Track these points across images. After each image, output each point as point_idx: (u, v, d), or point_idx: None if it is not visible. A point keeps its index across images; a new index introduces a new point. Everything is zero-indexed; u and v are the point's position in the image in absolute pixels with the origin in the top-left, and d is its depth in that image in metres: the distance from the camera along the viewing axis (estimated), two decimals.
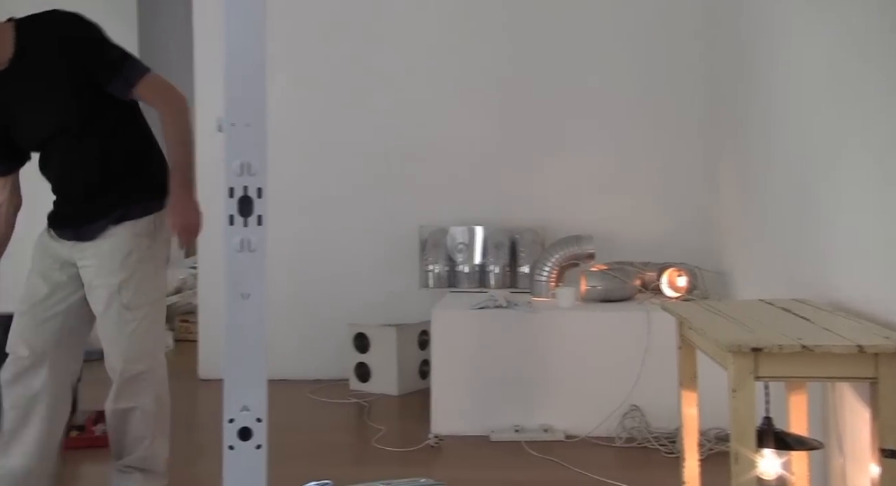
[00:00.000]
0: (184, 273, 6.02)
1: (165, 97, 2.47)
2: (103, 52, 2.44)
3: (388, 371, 4.25)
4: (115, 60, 2.44)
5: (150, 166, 2.58)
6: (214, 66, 4.33)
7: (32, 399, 2.54)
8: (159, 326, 2.65)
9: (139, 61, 2.52)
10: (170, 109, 2.47)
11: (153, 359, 2.64)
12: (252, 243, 2.04)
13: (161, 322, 2.66)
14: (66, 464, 3.22)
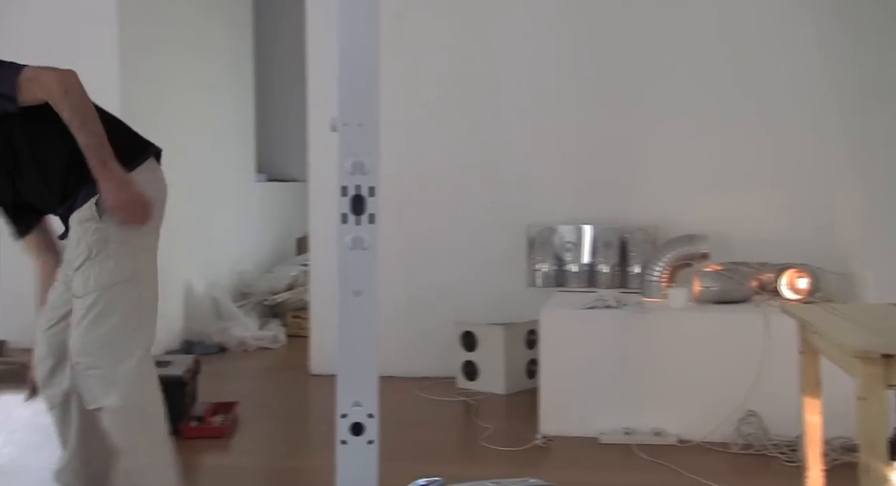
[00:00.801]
0: (295, 270, 6.18)
1: (46, 89, 2.19)
2: None
3: (496, 370, 4.24)
4: None
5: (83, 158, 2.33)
6: (327, 66, 4.40)
7: (65, 397, 2.45)
8: (118, 314, 2.32)
9: (5, 66, 2.24)
10: (54, 97, 2.19)
11: (105, 353, 2.31)
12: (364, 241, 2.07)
13: (125, 311, 2.33)
14: (184, 454, 3.35)
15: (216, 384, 4.24)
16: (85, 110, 2.23)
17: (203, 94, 5.76)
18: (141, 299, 2.39)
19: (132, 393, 2.32)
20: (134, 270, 2.37)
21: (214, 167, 5.93)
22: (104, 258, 2.32)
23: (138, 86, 4.88)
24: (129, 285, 2.35)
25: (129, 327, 2.35)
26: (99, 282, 2.31)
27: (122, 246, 2.35)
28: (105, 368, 2.31)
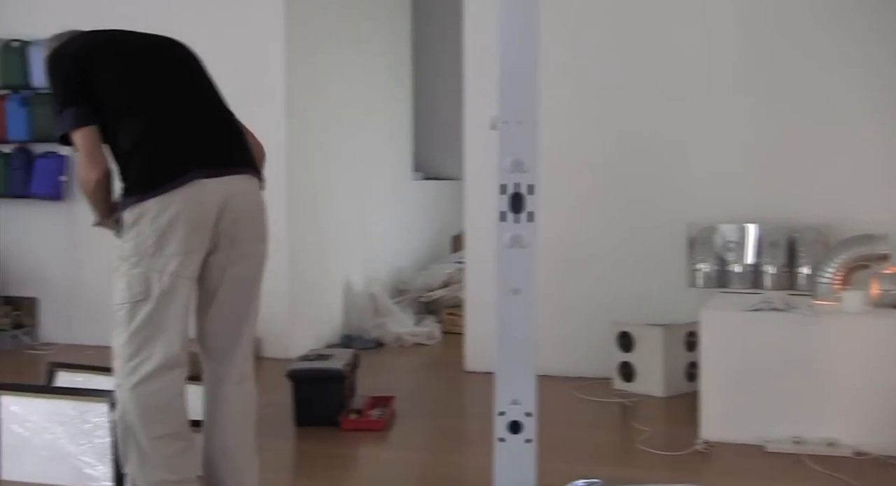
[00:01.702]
0: (451, 267, 6.25)
1: (80, 161, 2.43)
2: None
3: (654, 372, 4.14)
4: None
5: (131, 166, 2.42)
6: (484, 65, 4.43)
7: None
8: (127, 334, 2.39)
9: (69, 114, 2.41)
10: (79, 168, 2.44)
11: (116, 365, 2.44)
12: (523, 239, 2.07)
13: (132, 331, 2.38)
14: (344, 445, 3.46)
15: (373, 379, 4.35)
16: (93, 203, 2.47)
17: (362, 93, 5.92)
18: (149, 321, 2.38)
19: (125, 411, 2.41)
20: (145, 292, 2.37)
21: (373, 166, 6.09)
22: (119, 277, 2.41)
23: (302, 85, 5.06)
24: (139, 307, 2.38)
25: (133, 348, 2.39)
26: (117, 298, 2.42)
27: (134, 267, 2.38)
28: (118, 379, 2.44)
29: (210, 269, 2.48)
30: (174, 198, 2.34)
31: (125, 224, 2.37)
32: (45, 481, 2.93)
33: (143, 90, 2.46)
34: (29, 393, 3.04)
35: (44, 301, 5.36)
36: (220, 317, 2.54)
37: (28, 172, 5.21)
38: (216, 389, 2.57)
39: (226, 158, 2.49)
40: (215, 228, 2.43)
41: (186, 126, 2.46)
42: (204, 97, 2.57)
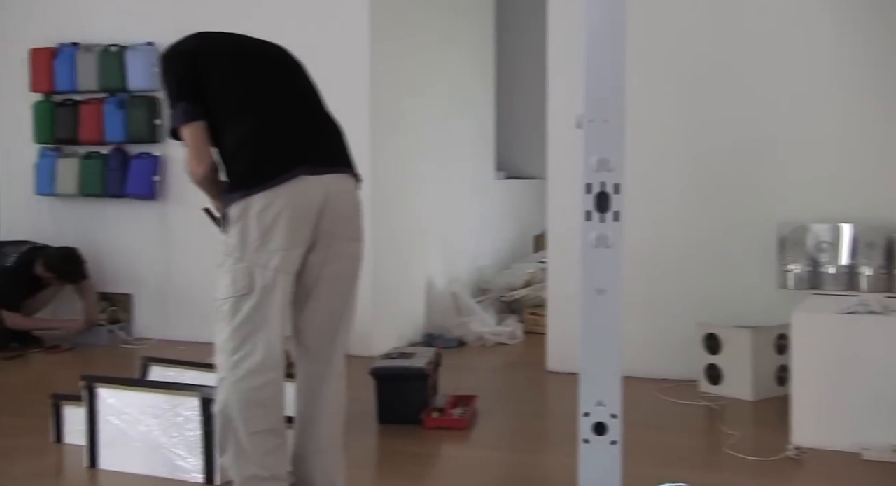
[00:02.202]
0: (533, 267, 6.22)
1: (187, 152, 2.52)
2: None
3: (742, 375, 4.03)
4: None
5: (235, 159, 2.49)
6: (569, 63, 4.40)
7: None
8: (230, 328, 2.42)
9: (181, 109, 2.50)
10: (187, 155, 2.53)
11: (219, 360, 2.48)
12: (609, 238, 2.05)
13: (235, 326, 2.42)
14: (426, 443, 3.48)
15: (455, 377, 4.36)
16: (203, 192, 2.56)
17: (446, 92, 5.95)
18: (252, 316, 2.42)
19: (226, 404, 2.44)
20: (249, 286, 2.41)
21: (456, 165, 6.10)
22: (224, 272, 2.45)
23: (386, 84, 5.11)
24: (243, 301, 2.41)
25: (236, 342, 2.42)
26: (221, 293, 2.45)
27: (238, 262, 2.42)
28: (220, 373, 2.48)
29: (308, 266, 2.52)
30: (279, 193, 2.39)
31: (230, 219, 2.43)
32: (139, 471, 3.04)
33: (250, 90, 2.54)
34: (125, 386, 3.16)
35: (138, 298, 5.55)
36: (315, 315, 2.58)
37: (124, 173, 5.41)
38: (311, 387, 2.61)
39: (327, 157, 2.55)
40: (315, 226, 2.48)
41: (291, 125, 2.53)
42: (307, 99, 2.64)
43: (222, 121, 2.48)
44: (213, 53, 2.57)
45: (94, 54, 5.39)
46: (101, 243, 5.57)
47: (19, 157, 5.61)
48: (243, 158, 2.45)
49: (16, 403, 4.06)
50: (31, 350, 5.09)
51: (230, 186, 2.46)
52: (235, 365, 2.43)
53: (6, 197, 5.74)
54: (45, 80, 5.47)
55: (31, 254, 5.26)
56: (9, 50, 5.60)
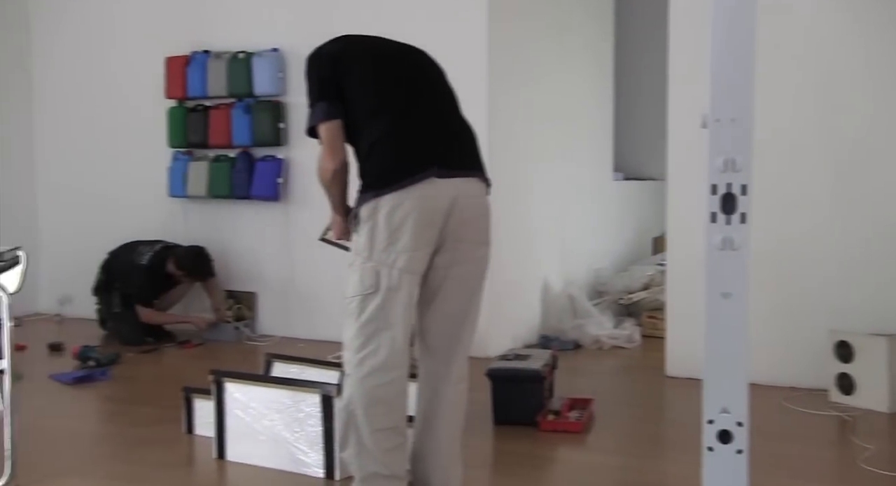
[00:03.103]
0: (651, 269, 6.10)
1: (322, 152, 2.57)
2: None
3: (877, 385, 3.83)
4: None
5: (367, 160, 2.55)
6: (692, 60, 4.29)
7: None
8: (356, 325, 2.47)
9: (319, 109, 2.57)
10: (319, 160, 2.58)
11: (346, 356, 2.53)
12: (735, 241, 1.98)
13: (361, 324, 2.46)
14: (542, 446, 3.46)
15: (571, 380, 4.32)
16: (329, 194, 2.60)
17: (564, 92, 5.90)
18: (377, 315, 2.46)
19: (351, 400, 2.49)
20: (375, 285, 2.45)
21: (573, 166, 6.05)
22: (353, 271, 2.50)
23: (503, 83, 5.11)
24: (369, 300, 2.46)
25: (362, 340, 2.47)
26: (349, 291, 2.51)
27: (366, 261, 2.47)
28: (346, 368, 2.53)
29: (434, 268, 2.55)
30: (408, 194, 2.43)
31: (360, 219, 2.49)
32: (264, 464, 3.14)
33: (388, 92, 2.59)
34: (250, 381, 3.27)
35: (262, 296, 5.74)
36: (440, 316, 2.60)
37: (249, 175, 5.61)
38: (433, 387, 2.64)
39: (458, 160, 2.58)
40: (443, 228, 2.51)
41: (425, 128, 2.57)
42: (443, 102, 2.68)
43: (360, 122, 2.54)
44: (354, 55, 2.63)
45: (224, 61, 5.61)
46: (228, 243, 5.80)
47: (155, 160, 5.90)
48: (376, 159, 2.50)
49: (151, 394, 4.27)
50: (165, 345, 5.34)
51: (362, 186, 2.51)
52: (360, 363, 2.47)
53: (142, 198, 6.06)
54: (179, 86, 5.74)
55: (164, 253, 5.53)
56: (147, 59, 5.89)
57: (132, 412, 3.96)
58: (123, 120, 6.12)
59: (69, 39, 6.31)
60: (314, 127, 2.56)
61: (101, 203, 6.22)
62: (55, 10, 6.35)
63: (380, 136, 2.51)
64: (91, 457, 3.37)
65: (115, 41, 6.12)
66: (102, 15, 6.18)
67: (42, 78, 6.43)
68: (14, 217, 6.22)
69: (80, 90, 6.28)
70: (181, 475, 3.15)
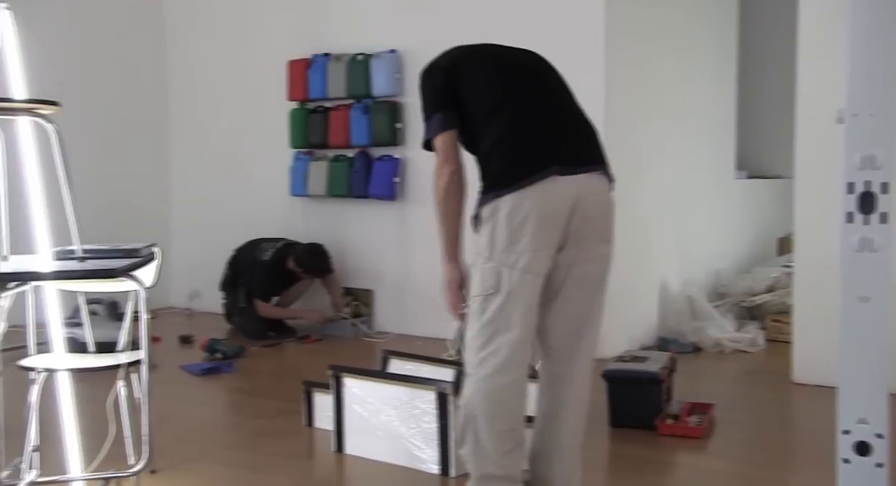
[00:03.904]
0: (776, 271, 5.87)
1: (437, 168, 2.55)
2: None
3: None
4: None
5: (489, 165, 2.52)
6: (823, 52, 4.10)
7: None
8: (478, 325, 2.46)
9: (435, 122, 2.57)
10: (435, 179, 2.56)
11: (467, 355, 2.52)
12: (874, 242, 1.87)
13: (482, 324, 2.45)
14: (660, 450, 3.38)
15: (691, 384, 4.21)
16: (445, 213, 2.55)
17: (683, 88, 5.74)
18: (498, 315, 2.44)
19: (470, 400, 2.48)
20: (496, 286, 2.43)
21: (693, 164, 5.88)
22: (475, 271, 2.50)
23: (621, 78, 5.01)
24: (490, 300, 2.44)
25: (482, 340, 2.45)
26: (473, 290, 2.51)
27: (487, 262, 2.45)
28: (467, 367, 2.51)
29: (556, 267, 2.51)
30: (529, 194, 2.41)
31: (481, 219, 2.48)
32: (381, 458, 3.19)
33: (505, 94, 2.57)
34: (367, 377, 3.33)
35: (378, 293, 5.84)
36: (561, 316, 2.57)
37: (367, 175, 5.71)
38: (554, 388, 2.62)
39: (580, 156, 2.54)
40: (566, 227, 2.47)
41: (545, 125, 2.54)
42: (561, 100, 2.65)
43: (479, 126, 2.53)
44: (467, 62, 2.63)
45: (343, 63, 5.73)
46: (346, 241, 5.92)
47: (277, 161, 6.10)
48: (496, 159, 2.49)
49: (272, 387, 4.41)
50: (286, 339, 5.51)
51: (483, 187, 2.50)
52: (481, 363, 2.46)
53: (265, 197, 6.26)
54: (300, 88, 5.90)
55: (285, 250, 5.70)
56: (270, 62, 6.09)
57: (255, 404, 4.10)
58: (248, 122, 6.35)
59: (200, 44, 6.59)
60: (430, 140, 2.56)
61: (227, 202, 6.47)
62: (187, 16, 6.65)
63: (500, 136, 2.49)
64: (217, 445, 3.51)
65: (241, 45, 6.35)
66: (230, 21, 6.43)
67: (175, 81, 6.75)
68: (149, 215, 6.55)
69: (210, 93, 6.55)
70: (302, 467, 3.24)
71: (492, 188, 2.46)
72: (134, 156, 6.57)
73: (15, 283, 2.33)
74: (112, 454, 2.81)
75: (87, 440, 2.84)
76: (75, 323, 3.25)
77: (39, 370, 2.70)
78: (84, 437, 2.84)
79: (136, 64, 6.59)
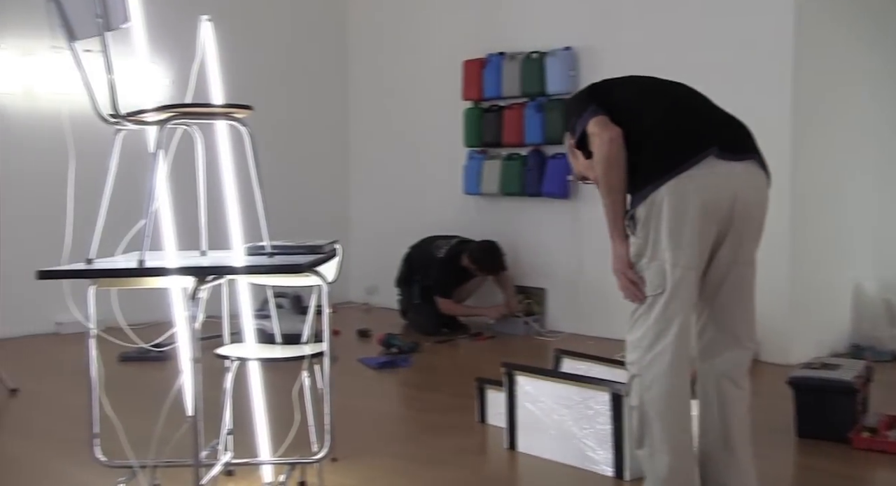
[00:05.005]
0: None
1: (595, 151, 2.49)
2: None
3: None
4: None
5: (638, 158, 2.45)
6: None
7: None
8: (644, 326, 2.43)
9: (588, 112, 2.50)
10: (595, 160, 2.49)
11: (633, 357, 2.48)
12: None
13: (649, 324, 2.42)
14: (855, 465, 3.16)
15: (890, 395, 3.91)
16: (609, 185, 2.46)
17: (876, 79, 5.34)
18: (663, 314, 2.41)
19: (642, 401, 2.45)
20: (662, 285, 2.41)
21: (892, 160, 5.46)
22: (639, 272, 2.46)
23: (810, 72, 4.74)
24: (657, 300, 2.42)
25: (649, 340, 2.43)
26: (643, 288, 2.46)
27: (651, 261, 2.42)
28: (633, 369, 2.48)
29: (716, 264, 2.47)
30: (689, 179, 2.37)
31: (638, 220, 2.45)
32: (552, 457, 3.18)
33: (654, 96, 2.57)
34: (539, 376, 3.32)
35: (551, 292, 5.81)
36: (718, 315, 2.53)
37: (540, 173, 5.69)
38: (713, 388, 2.55)
39: (739, 144, 2.48)
40: (726, 220, 2.42)
41: (696, 112, 2.52)
42: (709, 101, 2.60)
43: (629, 130, 2.46)
44: (615, 81, 2.64)
45: (518, 62, 5.74)
46: (519, 239, 5.93)
47: (451, 159, 6.20)
48: (648, 151, 2.44)
49: (445, 383, 4.49)
50: (459, 336, 5.59)
51: (638, 185, 2.45)
52: (650, 363, 2.44)
53: (439, 196, 6.39)
54: (475, 88, 5.97)
55: (459, 247, 5.78)
56: (446, 64, 6.20)
57: (428, 399, 4.19)
58: (423, 122, 6.49)
59: (379, 50, 6.82)
60: (583, 133, 2.51)
61: (403, 200, 6.65)
62: (368, 24, 6.90)
63: (651, 127, 2.46)
64: (392, 438, 3.61)
65: (418, 48, 6.51)
66: (407, 26, 6.60)
67: (355, 86, 7.02)
68: (329, 213, 6.85)
69: (387, 95, 6.77)
70: (476, 463, 3.27)
71: (647, 182, 2.41)
72: (316, 157, 6.89)
73: (212, 276, 2.49)
74: (297, 440, 2.94)
75: (274, 425, 2.99)
76: (263, 315, 3.43)
77: (233, 359, 2.88)
78: (272, 423, 2.99)
79: (320, 70, 6.91)
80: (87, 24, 2.42)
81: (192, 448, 2.40)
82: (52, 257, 2.68)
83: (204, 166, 2.82)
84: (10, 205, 5.45)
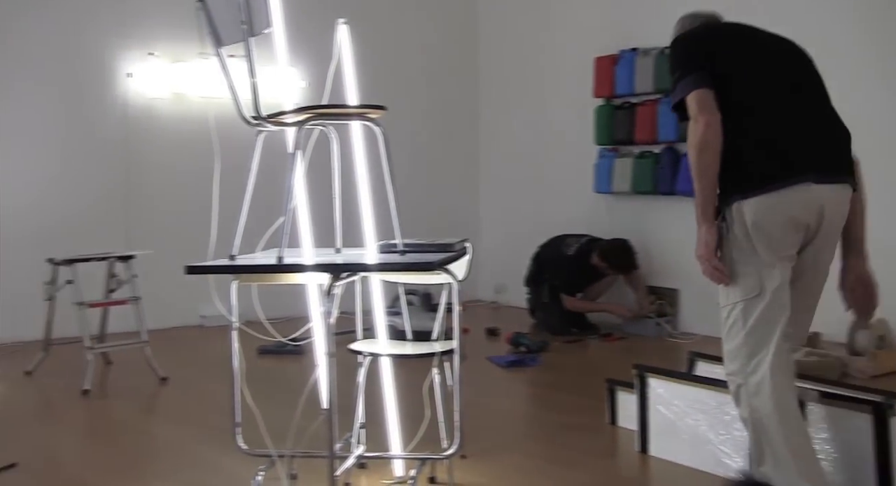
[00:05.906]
0: None
1: (692, 125, 2.41)
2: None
3: None
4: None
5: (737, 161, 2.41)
6: None
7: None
8: (744, 331, 2.42)
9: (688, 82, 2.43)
10: (689, 138, 2.41)
11: (735, 366, 2.45)
12: None
13: (749, 328, 2.40)
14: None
15: None
16: (701, 169, 2.40)
17: None
18: (764, 317, 2.40)
19: (753, 409, 2.41)
20: (759, 287, 2.40)
21: None
22: (731, 275, 2.44)
23: None
24: (754, 303, 2.41)
25: (752, 344, 2.41)
26: (728, 298, 2.47)
27: (745, 265, 2.41)
28: (737, 379, 2.46)
29: (794, 268, 2.48)
30: (780, 198, 2.37)
31: (729, 222, 2.44)
32: (686, 462, 3.09)
33: (761, 88, 2.47)
34: (673, 378, 3.23)
35: (684, 293, 5.65)
36: (795, 318, 2.51)
37: (674, 171, 5.55)
38: None
39: (835, 166, 2.47)
40: (811, 233, 2.45)
41: (802, 129, 2.46)
42: (818, 100, 2.53)
43: (726, 119, 2.40)
44: (731, 43, 2.55)
45: (651, 58, 5.62)
46: (650, 238, 5.80)
47: (582, 157, 6.13)
48: (747, 161, 2.40)
49: (574, 383, 4.44)
50: (588, 336, 5.52)
51: (729, 188, 2.42)
52: (754, 370, 2.42)
53: (570, 194, 6.33)
54: (606, 85, 5.88)
55: (589, 245, 5.71)
56: (576, 61, 6.14)
57: (557, 399, 4.15)
58: (553, 120, 6.45)
59: (509, 48, 6.83)
60: (682, 101, 2.45)
61: (532, 199, 6.63)
62: (498, 23, 6.92)
63: (752, 136, 2.41)
64: (521, 436, 3.60)
65: (548, 46, 6.47)
66: (538, 23, 6.57)
67: (486, 84, 7.05)
68: (460, 211, 6.90)
69: (517, 93, 6.76)
70: (606, 465, 3.22)
71: (742, 189, 2.39)
72: (447, 156, 6.96)
73: (346, 273, 2.55)
74: (426, 436, 2.98)
75: (404, 421, 3.04)
76: (394, 312, 3.49)
77: (366, 354, 2.94)
78: (402, 418, 3.04)
79: (451, 70, 6.99)
80: (233, 31, 2.53)
81: (326, 440, 2.47)
82: (197, 253, 2.82)
83: (339, 166, 2.89)
84: (162, 203, 5.77)
